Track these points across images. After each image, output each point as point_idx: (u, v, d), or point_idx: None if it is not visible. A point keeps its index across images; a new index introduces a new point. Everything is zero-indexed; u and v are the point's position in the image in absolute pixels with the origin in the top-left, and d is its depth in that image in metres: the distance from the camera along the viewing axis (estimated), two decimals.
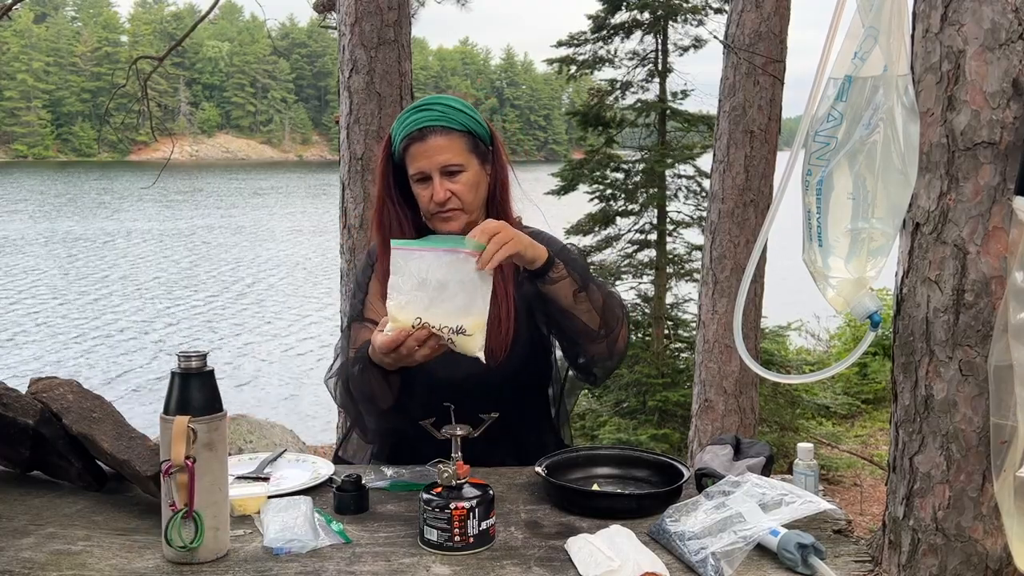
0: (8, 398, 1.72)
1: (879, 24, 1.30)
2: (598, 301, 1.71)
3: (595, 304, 1.71)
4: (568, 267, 1.68)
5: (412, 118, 1.79)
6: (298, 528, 1.47)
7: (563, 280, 1.66)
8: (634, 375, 8.34)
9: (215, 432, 1.39)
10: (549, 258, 1.65)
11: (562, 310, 1.70)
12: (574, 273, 1.68)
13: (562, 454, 1.78)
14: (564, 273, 1.66)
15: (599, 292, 1.73)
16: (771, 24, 5.14)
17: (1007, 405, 1.27)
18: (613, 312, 1.75)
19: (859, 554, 1.43)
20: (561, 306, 1.69)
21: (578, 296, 1.68)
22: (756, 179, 5.26)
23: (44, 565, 1.38)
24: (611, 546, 1.37)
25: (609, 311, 1.74)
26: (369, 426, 1.83)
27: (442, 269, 1.54)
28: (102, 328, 15.36)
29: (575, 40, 9.54)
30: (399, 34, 4.16)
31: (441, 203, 1.78)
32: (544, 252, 1.65)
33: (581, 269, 1.75)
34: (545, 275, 1.65)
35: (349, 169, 4.22)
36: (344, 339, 1.89)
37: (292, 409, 11.10)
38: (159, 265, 22.15)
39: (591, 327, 1.72)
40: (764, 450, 1.71)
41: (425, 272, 1.54)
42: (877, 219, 1.35)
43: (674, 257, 9.31)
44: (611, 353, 1.80)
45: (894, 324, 1.54)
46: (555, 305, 1.69)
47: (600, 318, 1.72)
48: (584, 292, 1.69)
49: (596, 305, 1.71)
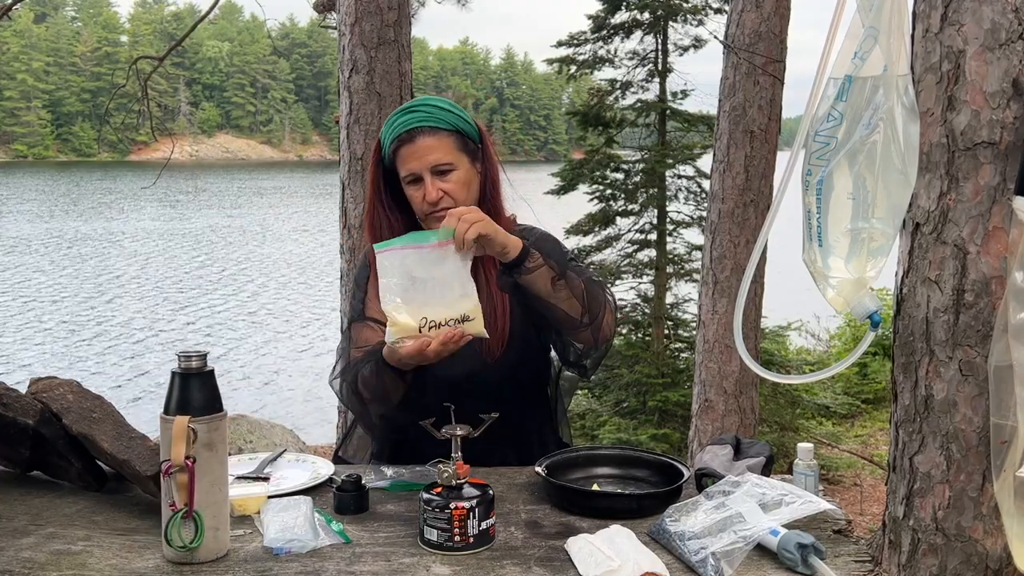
0: (8, 398, 1.72)
1: (879, 24, 1.30)
2: (578, 288, 1.70)
3: (575, 292, 1.70)
4: (544, 256, 1.67)
5: (400, 120, 1.80)
6: (298, 528, 1.47)
7: (540, 269, 1.66)
8: (634, 375, 8.34)
9: (215, 432, 1.39)
10: (524, 248, 1.65)
11: (541, 300, 1.69)
12: (550, 261, 1.68)
13: (562, 454, 1.78)
14: (540, 262, 1.66)
15: (579, 279, 1.72)
16: (771, 24, 5.14)
17: (1007, 405, 1.27)
18: (596, 298, 1.74)
19: (859, 554, 1.43)
20: (540, 296, 1.68)
21: (556, 284, 1.68)
22: (756, 179, 5.26)
23: (44, 565, 1.38)
24: (611, 546, 1.37)
25: (592, 297, 1.73)
26: (376, 423, 1.84)
27: (428, 263, 1.57)
28: (102, 327, 15.35)
29: (575, 40, 9.54)
30: (399, 34, 4.16)
31: (434, 203, 1.78)
32: (518, 242, 1.65)
33: (558, 256, 1.74)
34: (521, 265, 1.65)
35: (349, 169, 4.23)
36: (345, 339, 1.90)
37: (292, 409, 11.10)
38: (159, 265, 22.14)
39: (573, 315, 1.71)
40: (764, 450, 1.71)
41: (412, 270, 1.58)
42: (877, 219, 1.35)
43: (674, 257, 9.30)
44: (596, 341, 1.79)
45: (894, 324, 1.54)
46: (534, 295, 1.68)
47: (582, 306, 1.71)
48: (563, 280, 1.68)
49: (576, 292, 1.70)
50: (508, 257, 1.64)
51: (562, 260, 1.74)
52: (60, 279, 19.85)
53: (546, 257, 1.68)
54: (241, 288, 19.41)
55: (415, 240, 1.61)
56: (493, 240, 1.61)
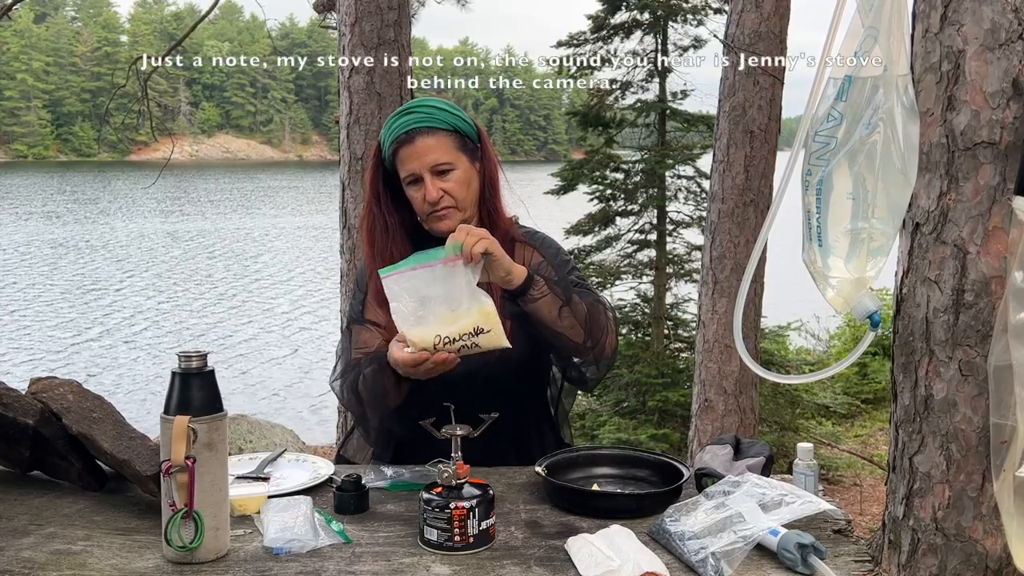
0: (8, 398, 1.71)
1: (879, 24, 1.30)
2: (582, 313, 1.71)
3: (579, 317, 1.71)
4: (549, 284, 1.68)
5: (399, 122, 1.81)
6: (298, 528, 1.47)
7: (545, 298, 1.67)
8: (634, 375, 8.34)
9: (215, 432, 1.39)
10: (528, 276, 1.65)
11: (547, 328, 1.70)
12: (556, 289, 1.68)
13: (562, 454, 1.78)
14: (545, 291, 1.66)
15: (583, 304, 1.72)
16: (771, 24, 5.14)
17: (1007, 405, 1.27)
18: (598, 322, 1.75)
19: (859, 554, 1.43)
20: (545, 323, 1.69)
21: (562, 312, 1.68)
22: (756, 179, 5.25)
23: (44, 565, 1.38)
24: (611, 546, 1.37)
25: (594, 321, 1.73)
26: (373, 426, 1.84)
27: (437, 282, 1.56)
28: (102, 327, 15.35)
29: (575, 40, 9.53)
30: (399, 34, 4.16)
31: (434, 202, 1.78)
32: (522, 271, 1.65)
33: (562, 278, 1.75)
34: (526, 294, 1.65)
35: (349, 169, 4.23)
36: (345, 340, 1.90)
37: (292, 409, 11.09)
38: (159, 265, 22.15)
39: (576, 341, 1.72)
40: (764, 450, 1.71)
41: (421, 290, 1.57)
42: (877, 219, 1.35)
43: (674, 257, 9.30)
44: (599, 361, 1.81)
45: (894, 324, 1.54)
46: (539, 323, 1.69)
47: (585, 331, 1.72)
48: (568, 306, 1.69)
49: (580, 318, 1.71)
50: (512, 284, 1.64)
51: (565, 282, 1.75)
52: (61, 279, 19.84)
53: (551, 285, 1.68)
54: (241, 288, 19.40)
55: (421, 260, 1.59)
56: (499, 262, 1.60)
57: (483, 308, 1.56)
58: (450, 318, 1.56)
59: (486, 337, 1.57)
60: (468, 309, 1.56)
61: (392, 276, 1.59)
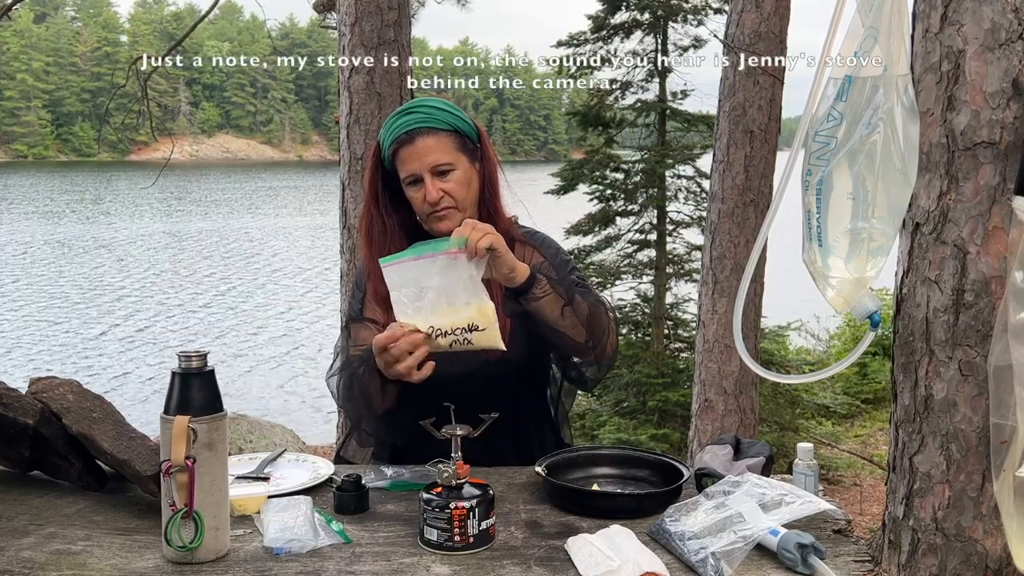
0: (8, 398, 1.71)
1: (879, 24, 1.30)
2: (584, 313, 1.71)
3: (581, 317, 1.71)
4: (552, 283, 1.68)
5: (398, 122, 1.80)
6: (298, 528, 1.47)
7: (547, 297, 1.66)
8: (634, 375, 8.34)
9: (215, 432, 1.39)
10: (531, 275, 1.65)
11: (548, 327, 1.70)
12: (558, 288, 1.68)
13: (562, 454, 1.78)
14: (548, 289, 1.66)
15: (584, 303, 1.72)
16: (771, 24, 5.14)
17: (1007, 405, 1.27)
18: (599, 322, 1.75)
19: (859, 554, 1.43)
20: (547, 322, 1.69)
21: (564, 311, 1.68)
22: (756, 179, 5.25)
23: (44, 565, 1.38)
24: (611, 546, 1.37)
25: (595, 321, 1.74)
26: (366, 428, 1.84)
27: (436, 273, 1.56)
28: (102, 328, 15.35)
29: (575, 40, 9.53)
30: (399, 34, 4.16)
31: (434, 203, 1.78)
32: (525, 269, 1.65)
33: (564, 278, 1.75)
34: (528, 292, 1.65)
35: (349, 169, 4.23)
36: (344, 338, 1.90)
37: (292, 409, 11.10)
38: (159, 265, 22.14)
39: (577, 340, 1.73)
40: (764, 450, 1.71)
41: (421, 280, 1.56)
42: (877, 219, 1.35)
43: (674, 257, 9.30)
44: (599, 361, 1.81)
45: (894, 324, 1.54)
46: (541, 322, 1.69)
47: (586, 331, 1.72)
48: (570, 306, 1.69)
49: (582, 318, 1.71)
50: (515, 282, 1.64)
51: (567, 281, 1.75)
52: (61, 279, 19.84)
53: (554, 284, 1.68)
54: (241, 288, 19.40)
55: (422, 251, 1.58)
56: (503, 258, 1.60)
57: (482, 306, 1.56)
58: (446, 310, 1.56)
59: (480, 335, 1.56)
60: (466, 304, 1.56)
61: (392, 265, 1.58)
